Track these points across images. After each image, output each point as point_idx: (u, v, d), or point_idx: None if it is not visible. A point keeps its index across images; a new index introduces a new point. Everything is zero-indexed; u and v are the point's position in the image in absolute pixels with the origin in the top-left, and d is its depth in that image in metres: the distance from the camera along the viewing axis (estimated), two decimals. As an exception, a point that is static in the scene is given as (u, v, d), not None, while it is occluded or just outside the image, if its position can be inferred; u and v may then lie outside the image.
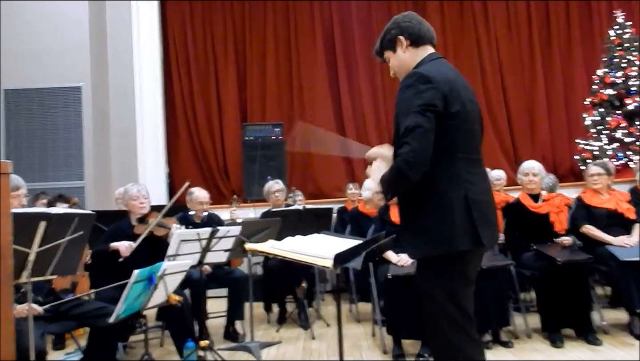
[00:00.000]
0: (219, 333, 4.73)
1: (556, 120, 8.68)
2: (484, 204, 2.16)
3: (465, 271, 2.19)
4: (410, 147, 2.00)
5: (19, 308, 2.82)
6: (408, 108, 2.07)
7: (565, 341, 4.05)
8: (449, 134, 2.08)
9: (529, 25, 8.83)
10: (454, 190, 2.10)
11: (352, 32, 8.74)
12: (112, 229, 4.21)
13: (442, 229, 2.08)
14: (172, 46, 8.65)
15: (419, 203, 2.13)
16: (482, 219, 2.11)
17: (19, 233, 2.34)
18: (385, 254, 4.17)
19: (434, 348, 2.26)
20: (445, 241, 2.08)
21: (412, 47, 2.28)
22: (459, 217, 2.08)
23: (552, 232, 4.43)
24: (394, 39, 2.30)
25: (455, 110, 2.10)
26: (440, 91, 2.08)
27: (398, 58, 2.31)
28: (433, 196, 2.10)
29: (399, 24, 2.30)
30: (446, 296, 2.12)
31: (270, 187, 5.71)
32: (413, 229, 2.18)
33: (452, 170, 2.11)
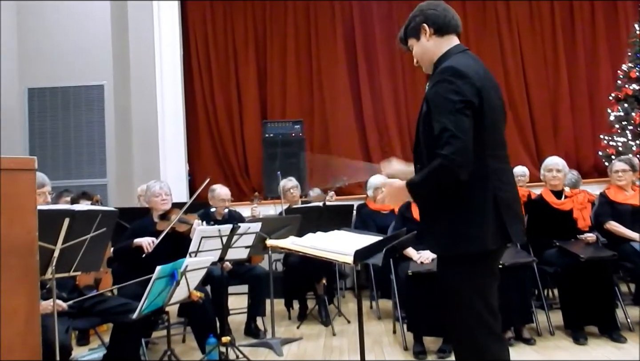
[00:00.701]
0: (240, 329, 4.76)
1: (580, 116, 8.56)
2: (511, 200, 2.15)
3: (492, 268, 2.19)
4: (457, 147, 1.96)
5: (43, 304, 2.87)
6: (445, 104, 2.03)
7: (588, 339, 4.00)
8: (480, 131, 2.05)
9: (552, 20, 8.71)
10: (483, 189, 2.08)
11: (372, 29, 8.71)
12: (135, 226, 4.26)
13: (472, 228, 2.06)
14: (193, 44, 8.72)
15: (447, 202, 2.10)
16: (511, 216, 2.11)
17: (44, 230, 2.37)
18: (405, 251, 4.15)
19: (459, 346, 2.23)
20: (477, 240, 2.06)
21: (437, 36, 2.23)
22: (489, 217, 2.06)
23: (575, 229, 4.37)
24: (418, 27, 2.25)
25: (486, 106, 2.08)
26: (475, 87, 2.05)
27: (422, 46, 2.26)
28: (462, 194, 2.07)
29: (423, 12, 2.25)
30: (475, 293, 2.10)
31: (285, 185, 5.74)
32: (440, 227, 2.14)
33: (481, 168, 2.06)
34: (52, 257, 2.56)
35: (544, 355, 3.76)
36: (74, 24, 6.96)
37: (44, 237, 2.44)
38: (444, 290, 2.20)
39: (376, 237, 2.48)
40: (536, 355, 3.78)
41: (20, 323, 1.84)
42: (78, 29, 6.96)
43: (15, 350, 1.82)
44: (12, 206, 1.86)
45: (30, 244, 1.91)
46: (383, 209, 5.40)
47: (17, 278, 1.84)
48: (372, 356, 3.95)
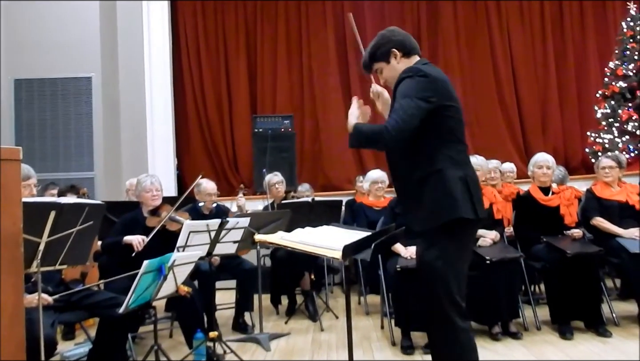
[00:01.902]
0: (227, 324, 4.75)
1: (568, 112, 8.62)
2: (476, 182, 2.47)
3: (465, 244, 2.45)
4: (398, 123, 2.29)
5: (29, 297, 2.84)
6: (404, 94, 2.36)
7: (574, 333, 4.04)
8: (447, 122, 2.40)
9: (541, 17, 8.76)
10: (453, 169, 2.37)
11: (364, 24, 8.70)
12: (123, 220, 4.22)
13: (445, 200, 2.34)
14: (183, 38, 8.66)
15: (423, 182, 2.39)
16: (477, 195, 2.41)
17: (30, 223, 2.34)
18: (394, 247, 4.16)
19: (431, 320, 2.44)
20: (450, 209, 2.33)
21: (404, 58, 2.56)
22: (459, 191, 2.35)
23: (562, 224, 4.41)
24: (388, 52, 2.57)
25: (450, 103, 2.41)
26: (435, 85, 2.38)
27: (392, 68, 2.57)
28: (435, 175, 2.37)
29: (390, 39, 2.58)
30: (449, 273, 2.36)
31: (270, 180, 5.72)
32: (418, 205, 2.41)
33: (451, 153, 2.39)
34: (38, 250, 2.53)
35: (530, 350, 3.79)
36: (62, 15, 6.89)
37: (30, 230, 2.41)
38: (420, 266, 2.47)
39: (365, 232, 2.48)
40: (523, 350, 3.80)
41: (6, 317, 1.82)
42: (67, 20, 6.89)
43: (0, 343, 1.80)
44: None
45: (16, 236, 1.88)
46: (376, 205, 5.42)
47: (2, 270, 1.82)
48: (360, 351, 3.96)
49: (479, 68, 8.65)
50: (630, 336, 3.98)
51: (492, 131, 8.52)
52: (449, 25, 8.69)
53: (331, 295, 5.90)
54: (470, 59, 8.69)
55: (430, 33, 8.76)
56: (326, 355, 3.96)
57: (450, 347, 2.38)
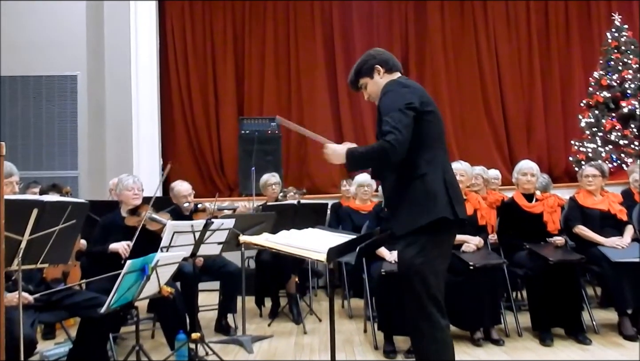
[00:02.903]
0: (210, 326, 4.73)
1: (553, 121, 8.72)
2: (456, 185, 2.60)
3: (444, 243, 2.58)
4: (396, 136, 2.39)
5: (9, 296, 2.80)
6: (391, 106, 2.49)
7: (555, 340, 4.07)
8: (427, 128, 2.53)
9: (527, 26, 8.86)
10: (434, 173, 2.51)
11: (351, 28, 8.75)
12: (104, 222, 4.19)
13: (426, 202, 2.46)
14: (170, 38, 8.63)
15: (405, 187, 2.52)
16: (456, 197, 2.53)
17: (11, 220, 2.32)
18: (378, 251, 4.17)
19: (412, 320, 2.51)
20: (430, 210, 2.45)
21: (387, 74, 2.73)
22: (440, 193, 2.48)
23: (545, 232, 4.44)
24: (372, 68, 2.74)
25: (430, 109, 2.56)
26: (416, 94, 2.54)
27: (376, 83, 2.74)
28: (416, 178, 2.50)
29: (374, 56, 2.76)
30: (429, 272, 2.46)
31: (267, 180, 5.72)
32: (401, 208, 2.53)
33: (431, 157, 2.53)
34: (19, 248, 2.50)
35: (511, 356, 3.82)
36: (48, 13, 6.83)
37: (11, 227, 2.39)
38: (400, 266, 2.56)
39: (350, 235, 2.49)
40: (504, 356, 3.83)
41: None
42: (52, 18, 6.83)
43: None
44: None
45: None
46: (362, 209, 5.43)
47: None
48: (343, 355, 3.96)
49: (465, 74, 8.72)
50: (609, 344, 4.02)
51: (477, 137, 8.59)
52: (437, 30, 8.76)
53: (315, 298, 5.89)
54: (456, 65, 8.76)
55: (418, 36, 8.82)
56: (309, 358, 3.95)
57: (429, 344, 2.46)
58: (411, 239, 2.49)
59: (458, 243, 4.16)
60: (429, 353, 2.46)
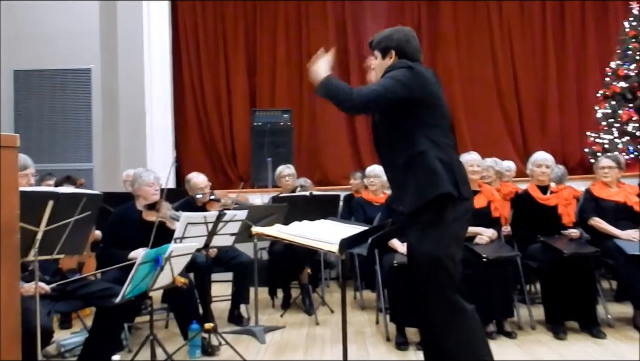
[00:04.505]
0: (223, 316, 4.76)
1: (568, 112, 8.62)
2: (459, 163, 2.60)
3: (454, 226, 2.50)
4: (367, 96, 2.44)
5: (26, 286, 2.84)
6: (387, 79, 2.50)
7: (569, 334, 4.04)
8: (430, 113, 2.54)
9: (542, 16, 8.75)
10: (435, 151, 2.49)
11: (364, 19, 8.69)
12: (117, 215, 4.16)
13: (428, 178, 2.45)
14: (182, 31, 8.64)
15: (407, 166, 2.51)
16: (460, 175, 2.52)
17: (27, 212, 2.35)
18: (391, 243, 4.17)
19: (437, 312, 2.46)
20: (434, 187, 2.43)
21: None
22: (440, 169, 2.46)
23: (559, 224, 4.40)
24: (387, 50, 2.68)
25: (434, 93, 2.55)
26: (421, 79, 2.51)
27: (382, 65, 2.68)
28: (418, 157, 2.49)
29: (398, 39, 2.68)
30: (446, 256, 2.43)
31: (282, 171, 5.73)
32: (404, 188, 2.54)
33: (434, 137, 2.52)
34: (35, 239, 2.53)
35: (524, 349, 3.80)
36: (62, 6, 6.86)
37: (27, 219, 2.42)
38: (417, 262, 2.51)
39: (362, 227, 2.49)
40: (517, 349, 3.81)
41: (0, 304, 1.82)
42: (66, 11, 6.87)
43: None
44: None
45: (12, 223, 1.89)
46: (374, 201, 5.42)
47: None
48: (354, 346, 3.97)
49: (478, 66, 8.64)
50: (624, 338, 3.99)
51: (490, 129, 8.52)
52: (449, 23, 8.68)
53: (327, 290, 5.91)
54: (470, 57, 8.68)
55: (430, 32, 8.75)
56: (320, 349, 3.97)
57: (462, 333, 2.40)
58: (422, 229, 2.46)
59: (471, 235, 4.15)
60: (462, 342, 2.40)
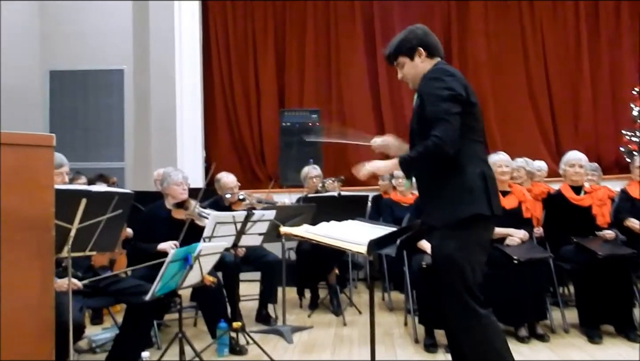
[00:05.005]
0: (251, 315, 4.78)
1: (602, 110, 8.40)
2: (493, 179, 2.54)
3: (483, 240, 2.53)
4: (445, 128, 2.35)
5: (59, 282, 2.90)
6: (436, 96, 2.42)
7: (604, 338, 3.95)
8: (468, 120, 2.46)
9: (575, 11, 8.54)
10: (472, 166, 2.46)
11: (392, 18, 8.63)
12: (147, 214, 4.24)
13: (464, 197, 2.42)
14: (213, 31, 8.71)
15: (443, 179, 2.47)
16: (493, 191, 2.49)
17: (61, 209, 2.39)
18: (419, 244, 4.12)
19: (451, 314, 2.50)
20: (467, 205, 2.42)
21: (428, 58, 2.62)
22: (477, 188, 2.43)
23: (594, 225, 4.30)
24: (414, 49, 2.61)
25: (472, 100, 2.49)
26: (461, 82, 2.47)
27: (415, 66, 2.63)
28: (454, 171, 2.45)
29: (418, 36, 2.63)
30: (466, 264, 2.42)
31: (309, 172, 5.75)
32: (438, 201, 2.50)
33: (470, 150, 2.47)
34: (69, 236, 2.58)
35: (557, 353, 3.72)
36: (95, 6, 6.98)
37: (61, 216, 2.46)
38: (436, 260, 2.56)
39: (390, 228, 2.47)
40: (549, 353, 3.74)
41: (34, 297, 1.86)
42: (100, 11, 6.99)
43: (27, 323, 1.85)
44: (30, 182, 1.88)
45: (47, 220, 1.93)
46: (403, 201, 5.38)
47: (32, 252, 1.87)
48: (382, 347, 3.94)
49: (509, 64, 8.48)
50: (661, 341, 3.88)
51: (522, 128, 8.36)
52: (480, 20, 8.55)
53: (355, 290, 5.89)
54: (500, 54, 8.53)
55: (460, 30, 8.64)
56: (348, 350, 3.95)
57: (476, 335, 2.42)
58: (448, 232, 2.45)
59: (501, 236, 4.08)
60: (477, 345, 2.42)
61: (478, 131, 2.55)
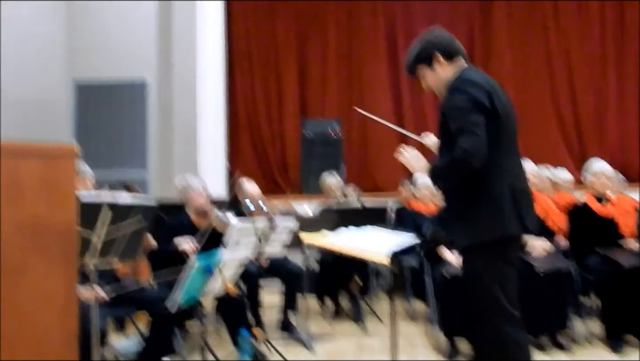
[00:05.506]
0: (272, 324, 4.79)
1: (628, 117, 8.29)
2: (525, 192, 2.41)
3: (511, 257, 2.41)
4: (471, 140, 2.22)
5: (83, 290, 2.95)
6: (460, 109, 2.30)
7: (627, 349, 3.87)
8: (494, 130, 2.30)
9: (601, 19, 8.46)
10: (500, 180, 2.32)
11: (414, 27, 8.63)
12: (171, 224, 4.29)
13: (493, 216, 2.29)
14: (235, 41, 8.82)
15: (468, 194, 2.35)
16: (525, 205, 2.35)
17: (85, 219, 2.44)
18: (441, 253, 4.10)
19: (481, 335, 2.40)
20: (497, 228, 2.29)
21: (447, 62, 2.49)
22: (508, 205, 2.29)
23: (619, 236, 4.23)
24: (431, 56, 2.49)
25: (497, 108, 2.34)
26: (485, 90, 2.33)
27: (436, 75, 2.51)
28: (481, 188, 2.32)
29: (432, 42, 2.51)
30: (494, 281, 2.31)
31: (328, 181, 5.79)
32: (464, 218, 2.37)
33: (497, 162, 2.32)
34: (92, 245, 2.62)
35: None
36: (120, 20, 7.13)
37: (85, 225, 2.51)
38: (465, 279, 2.44)
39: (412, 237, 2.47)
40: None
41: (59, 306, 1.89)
42: (124, 25, 7.13)
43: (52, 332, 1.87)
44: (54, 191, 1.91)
45: (70, 229, 1.96)
46: (426, 211, 5.35)
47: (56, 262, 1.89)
48: (404, 357, 3.91)
49: (533, 71, 8.44)
50: (689, 354, 3.79)
51: (545, 136, 8.29)
52: (503, 27, 8.53)
53: (376, 299, 5.86)
54: (524, 61, 8.48)
55: (483, 35, 8.61)
56: (370, 359, 3.94)
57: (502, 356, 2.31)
58: (475, 252, 2.35)
59: (523, 243, 4.03)
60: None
61: (507, 139, 2.40)
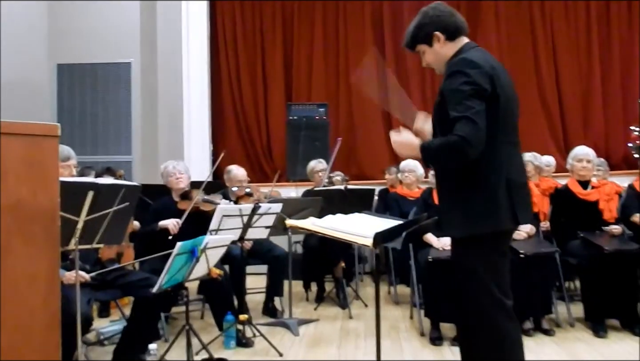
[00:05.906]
0: (257, 308, 4.81)
1: (611, 107, 8.34)
2: (521, 186, 2.32)
3: (504, 248, 2.36)
4: (470, 128, 2.10)
5: (67, 274, 2.93)
6: (459, 92, 2.17)
7: (609, 332, 3.95)
8: (492, 116, 2.17)
9: (586, 5, 8.48)
10: (496, 172, 2.22)
11: (401, 12, 8.59)
12: (156, 206, 4.33)
13: (486, 209, 2.21)
14: (220, 24, 8.70)
15: (462, 184, 2.25)
16: (521, 200, 2.26)
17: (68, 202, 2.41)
18: (426, 237, 4.13)
19: (473, 326, 2.32)
20: (490, 221, 2.21)
21: (449, 41, 2.35)
22: (502, 198, 2.21)
23: (601, 220, 4.29)
24: (430, 35, 2.35)
25: (498, 93, 2.20)
26: (487, 74, 2.18)
27: (435, 53, 2.38)
28: (476, 177, 2.22)
29: (432, 19, 2.35)
30: (487, 272, 2.24)
31: (315, 166, 5.78)
32: (457, 209, 2.28)
33: (494, 152, 2.21)
34: (76, 229, 2.59)
35: (562, 347, 3.73)
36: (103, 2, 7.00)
37: (68, 209, 2.48)
38: (458, 270, 2.35)
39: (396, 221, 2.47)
40: (555, 347, 3.74)
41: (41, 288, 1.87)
42: (107, 6, 7.01)
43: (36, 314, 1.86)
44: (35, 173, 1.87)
45: (53, 211, 1.93)
46: (410, 195, 5.37)
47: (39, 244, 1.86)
48: (388, 340, 3.96)
49: (517, 56, 8.43)
50: (667, 337, 3.87)
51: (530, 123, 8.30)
52: (490, 15, 8.50)
53: (361, 284, 5.90)
54: (510, 50, 8.48)
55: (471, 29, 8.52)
56: (354, 343, 3.97)
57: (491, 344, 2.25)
58: (468, 243, 2.27)
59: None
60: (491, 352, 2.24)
61: (506, 130, 2.27)
